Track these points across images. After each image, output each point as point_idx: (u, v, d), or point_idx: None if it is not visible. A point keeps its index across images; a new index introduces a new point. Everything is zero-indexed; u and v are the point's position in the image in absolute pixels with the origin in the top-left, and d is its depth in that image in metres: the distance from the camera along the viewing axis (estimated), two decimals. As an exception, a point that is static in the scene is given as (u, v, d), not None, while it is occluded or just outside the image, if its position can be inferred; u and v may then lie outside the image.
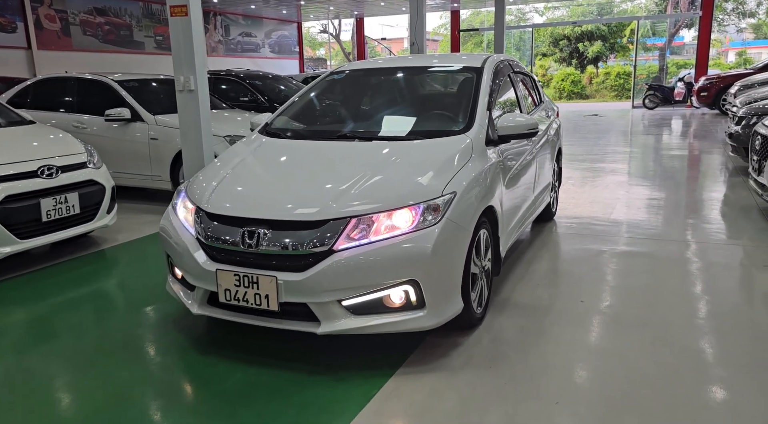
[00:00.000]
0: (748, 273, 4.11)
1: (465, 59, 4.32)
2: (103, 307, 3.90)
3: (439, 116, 3.83)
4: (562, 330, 3.25)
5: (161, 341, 3.30)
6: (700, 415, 2.43)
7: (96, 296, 4.15)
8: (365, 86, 4.32)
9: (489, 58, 4.20)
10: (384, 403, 2.59)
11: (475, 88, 3.81)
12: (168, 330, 3.44)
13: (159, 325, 3.52)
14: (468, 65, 4.11)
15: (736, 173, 7.78)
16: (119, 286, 4.34)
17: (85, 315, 3.73)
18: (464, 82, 4.00)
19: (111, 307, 3.91)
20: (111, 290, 4.27)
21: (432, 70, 4.35)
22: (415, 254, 2.75)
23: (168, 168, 6.38)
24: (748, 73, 15.37)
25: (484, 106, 3.64)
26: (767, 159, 4.93)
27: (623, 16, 31.58)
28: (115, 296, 4.17)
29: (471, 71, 4.02)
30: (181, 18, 5.55)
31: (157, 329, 3.46)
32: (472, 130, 3.45)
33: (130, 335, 3.39)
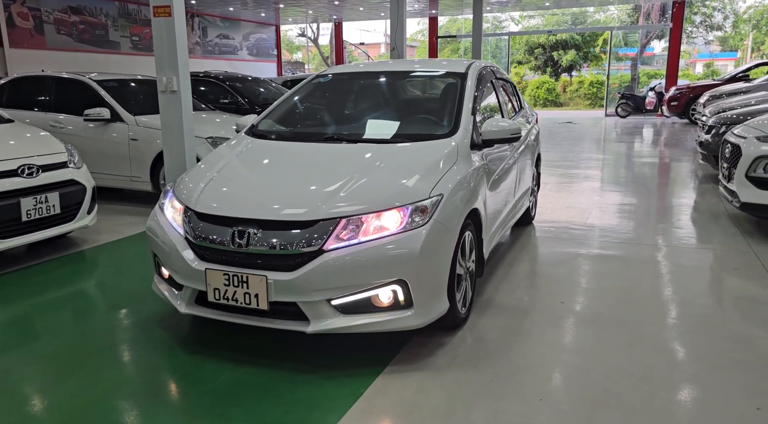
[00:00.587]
0: (718, 276, 4.26)
1: (449, 65, 4.41)
2: (86, 307, 3.88)
3: (424, 120, 3.91)
4: (543, 330, 3.34)
5: (147, 341, 3.30)
6: (676, 411, 2.53)
7: (78, 296, 4.12)
8: (350, 90, 4.38)
9: (472, 64, 4.29)
10: (372, 400, 2.64)
11: (459, 93, 3.89)
12: (153, 330, 3.43)
13: (144, 325, 3.51)
14: (452, 71, 4.20)
15: (705, 180, 8.02)
16: (102, 286, 4.31)
17: (68, 316, 3.70)
18: (449, 87, 4.08)
19: (94, 307, 3.89)
20: (93, 291, 4.24)
21: (417, 74, 4.43)
22: (404, 255, 2.80)
23: (148, 169, 6.34)
24: (716, 84, 15.81)
25: (468, 111, 3.73)
26: (737, 167, 5.11)
27: (597, 26, 32.22)
28: (98, 296, 4.14)
29: (455, 77, 4.10)
30: (164, 19, 5.54)
31: (143, 329, 3.45)
32: (457, 134, 3.53)
33: (115, 335, 3.39)
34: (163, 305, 3.76)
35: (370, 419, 2.52)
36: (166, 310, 3.69)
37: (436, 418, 2.50)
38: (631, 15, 31.34)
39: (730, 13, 37.90)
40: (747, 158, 4.95)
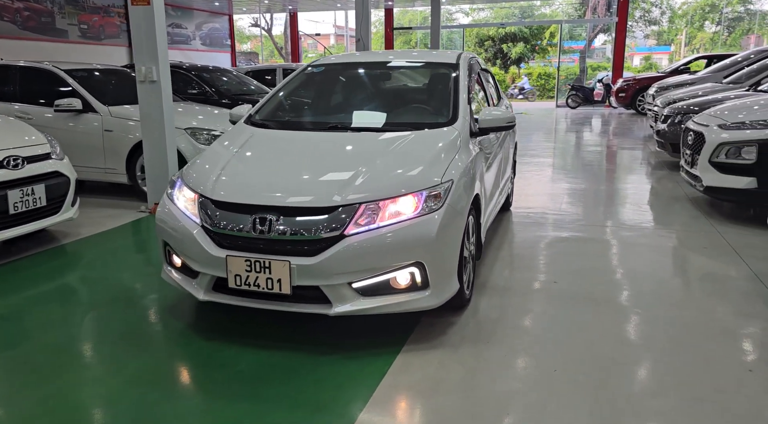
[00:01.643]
0: (689, 255, 4.57)
1: (438, 55, 4.55)
2: (86, 300, 3.83)
3: (423, 109, 4.04)
4: (543, 308, 3.53)
5: (161, 331, 3.32)
6: (679, 373, 2.76)
7: (74, 290, 4.06)
8: (346, 80, 4.46)
9: (461, 55, 4.45)
10: (398, 377, 2.76)
11: (454, 82, 4.04)
12: (164, 319, 3.45)
13: (153, 315, 3.53)
14: (444, 61, 4.34)
15: (660, 167, 8.47)
16: (97, 279, 4.23)
17: (70, 309, 3.66)
18: (442, 76, 4.22)
19: (96, 300, 3.82)
20: (90, 284, 4.16)
21: (410, 65, 4.55)
22: (421, 238, 2.93)
23: (124, 161, 6.23)
24: (660, 76, 16.54)
25: (465, 100, 3.88)
26: (700, 153, 5.46)
27: (548, 20, 33.02)
28: (96, 289, 4.05)
29: (448, 67, 4.24)
30: (142, 7, 5.46)
31: (152, 319, 3.47)
32: (458, 123, 3.68)
33: (125, 326, 3.38)
34: (166, 295, 3.77)
35: (400, 394, 2.64)
36: (171, 299, 3.71)
37: (462, 391, 2.65)
38: (578, 9, 32.29)
39: (667, 8, 39.60)
40: (710, 145, 5.30)
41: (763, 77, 8.96)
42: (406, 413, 2.53)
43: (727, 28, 40.59)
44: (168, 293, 3.80)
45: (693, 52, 41.72)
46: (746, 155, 5.06)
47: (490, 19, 35.50)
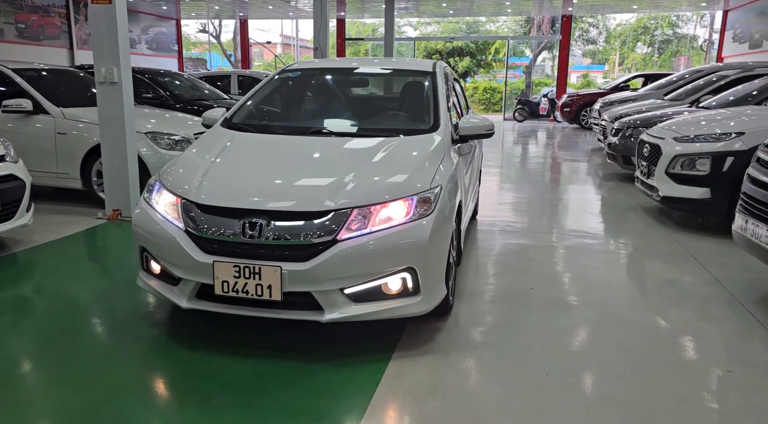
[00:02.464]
0: (652, 261, 4.73)
1: (414, 63, 4.58)
2: (49, 311, 3.61)
3: (403, 115, 4.05)
4: (525, 314, 3.58)
5: (136, 341, 3.17)
6: (663, 371, 2.86)
7: (35, 299, 3.83)
8: (324, 85, 4.42)
9: (436, 64, 4.49)
10: (393, 383, 2.74)
11: (433, 90, 4.07)
12: (139, 328, 3.30)
13: (126, 324, 3.36)
14: (421, 69, 4.37)
15: (609, 178, 8.79)
16: (59, 289, 3.99)
17: (37, 320, 3.44)
18: (421, 84, 4.25)
19: (59, 310, 3.61)
20: (52, 293, 3.91)
21: (388, 71, 4.55)
22: (414, 243, 2.92)
23: (78, 165, 5.95)
24: (602, 93, 17.27)
25: (445, 108, 3.92)
26: (656, 164, 5.71)
27: (497, 36, 33.81)
28: (58, 299, 3.82)
29: (425, 74, 4.28)
30: (103, 6, 5.26)
31: (125, 329, 3.31)
32: (440, 130, 3.70)
33: (95, 337, 3.22)
34: (137, 304, 3.62)
35: (397, 400, 2.61)
36: (144, 308, 3.56)
37: (458, 396, 2.65)
38: (523, 26, 33.30)
39: (603, 29, 41.44)
40: (667, 157, 5.55)
41: (702, 95, 9.47)
42: (405, 420, 2.51)
43: (658, 50, 42.82)
44: (139, 302, 3.65)
45: (625, 71, 43.78)
46: (700, 167, 5.32)
47: (437, 34, 36.12)
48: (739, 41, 20.83)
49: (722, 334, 3.33)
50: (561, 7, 20.08)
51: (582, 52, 43.45)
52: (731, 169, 5.13)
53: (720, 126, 5.46)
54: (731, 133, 5.25)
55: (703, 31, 41.64)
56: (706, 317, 3.56)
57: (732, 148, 5.15)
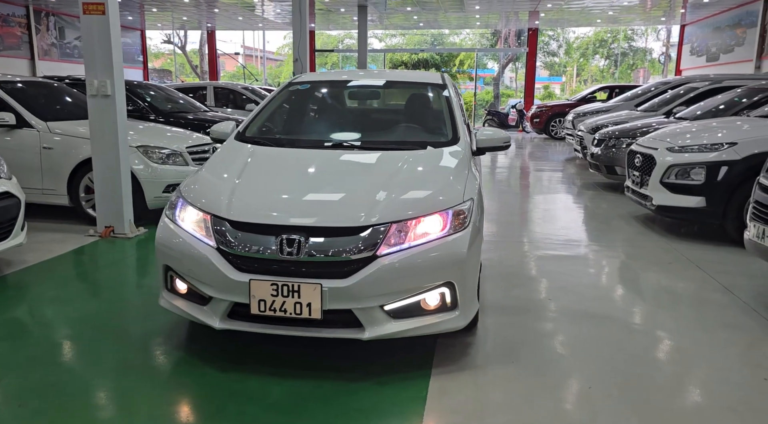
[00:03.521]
0: (656, 270, 4.81)
1: (421, 76, 4.57)
2: (63, 335, 3.42)
3: (421, 128, 4.01)
4: (548, 325, 3.58)
5: (165, 363, 3.05)
6: (702, 381, 2.88)
7: (46, 323, 3.62)
8: (337, 98, 4.36)
9: (443, 76, 4.50)
10: (440, 401, 2.69)
11: (447, 102, 4.07)
12: (163, 350, 3.17)
13: (147, 346, 3.22)
14: (431, 81, 4.36)
15: (589, 187, 8.93)
16: (68, 311, 3.77)
17: (51, 344, 3.26)
18: (434, 96, 4.23)
19: (74, 334, 3.43)
20: (61, 316, 3.68)
21: (400, 84, 4.52)
22: (452, 257, 2.88)
23: (65, 181, 5.72)
24: (570, 104, 17.68)
25: (462, 120, 3.91)
26: (649, 174, 5.84)
27: (464, 48, 34.27)
28: (70, 322, 3.60)
29: (437, 87, 4.27)
30: (96, 17, 5.09)
31: (150, 351, 3.17)
32: (461, 142, 3.69)
33: (122, 360, 3.07)
34: (155, 324, 3.48)
35: (449, 418, 2.56)
36: (162, 328, 3.42)
37: (509, 412, 2.61)
38: (489, 39, 33.88)
39: (563, 42, 42.51)
40: (661, 166, 5.67)
41: (675, 106, 9.75)
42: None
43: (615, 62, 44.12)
44: (156, 322, 3.51)
45: (582, 82, 44.98)
46: (695, 176, 5.46)
47: (402, 45, 36.44)
48: (697, 54, 21.64)
49: (750, 341, 3.39)
50: (527, 21, 20.50)
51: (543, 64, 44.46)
52: (726, 178, 5.28)
53: (712, 136, 5.61)
54: (724, 143, 5.41)
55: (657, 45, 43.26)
56: (727, 324, 3.62)
57: (726, 158, 5.30)
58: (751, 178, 5.15)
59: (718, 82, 10.20)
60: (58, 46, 18.19)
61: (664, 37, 31.63)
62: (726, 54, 19.19)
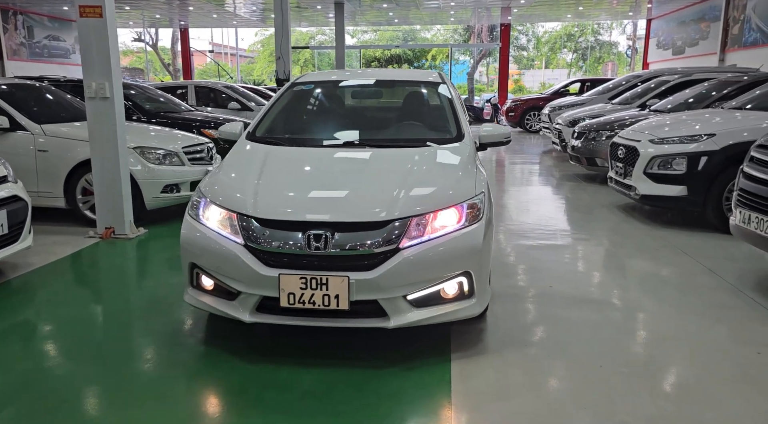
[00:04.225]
0: (644, 255, 5.06)
1: (420, 74, 4.72)
2: (88, 336, 3.48)
3: (428, 125, 4.16)
4: (554, 311, 3.77)
5: (193, 358, 3.15)
6: (704, 358, 3.11)
7: (73, 325, 3.66)
8: (341, 97, 4.48)
9: (441, 74, 4.66)
10: (465, 385, 2.85)
11: (449, 100, 4.23)
12: (189, 345, 3.28)
13: (173, 342, 3.32)
14: (430, 80, 4.52)
15: (569, 179, 9.20)
16: (88, 312, 3.82)
17: (83, 345, 3.32)
18: (434, 93, 4.39)
19: (101, 334, 3.49)
20: (84, 318, 3.70)
21: (402, 82, 4.65)
22: (470, 247, 3.05)
23: (62, 184, 5.72)
24: (544, 98, 18.05)
25: (464, 116, 4.08)
26: (632, 165, 6.10)
27: (439, 44, 34.45)
28: (94, 323, 3.66)
29: (435, 85, 4.43)
30: (93, 20, 5.11)
31: (177, 346, 3.27)
32: (466, 138, 3.86)
33: (151, 357, 3.17)
34: (174, 321, 3.60)
35: (475, 400, 2.72)
36: (181, 324, 3.53)
37: (530, 392, 2.79)
38: (462, 34, 34.18)
39: (533, 36, 43.13)
40: (644, 158, 5.94)
41: (648, 99, 10.08)
42: (494, 418, 2.60)
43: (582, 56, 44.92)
44: (174, 319, 3.62)
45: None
46: (676, 166, 5.73)
47: (374, 41, 36.52)
48: (663, 48, 22.26)
49: (739, 319, 3.64)
50: (500, 17, 20.81)
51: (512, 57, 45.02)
52: (705, 168, 5.56)
53: (691, 128, 5.90)
54: (703, 134, 5.69)
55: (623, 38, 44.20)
56: (717, 305, 3.87)
57: (706, 149, 5.58)
58: (729, 168, 5.47)
59: (688, 75, 10.57)
60: (27, 46, 17.83)
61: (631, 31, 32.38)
62: (691, 47, 19.80)
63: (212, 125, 8.51)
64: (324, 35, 36.32)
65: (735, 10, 16.77)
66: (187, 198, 6.15)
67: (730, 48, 16.98)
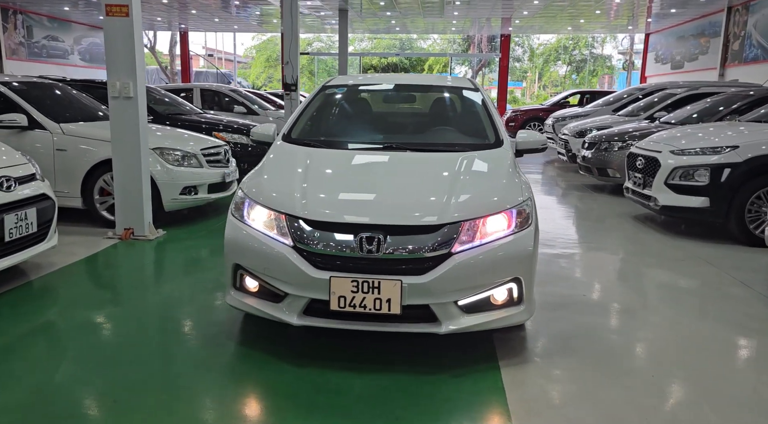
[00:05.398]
0: (670, 266, 5.05)
1: (454, 80, 4.71)
2: (127, 337, 3.40)
3: (466, 131, 4.13)
4: (592, 319, 3.74)
5: (241, 362, 3.09)
6: (745, 365, 3.09)
7: (111, 326, 3.57)
8: (376, 101, 4.46)
9: (474, 81, 4.64)
10: (519, 391, 2.81)
11: (484, 105, 4.22)
12: (233, 349, 3.22)
13: (217, 345, 3.25)
14: (464, 85, 4.51)
15: (578, 188, 9.20)
16: (124, 313, 3.72)
17: (123, 347, 3.26)
18: (469, 99, 4.37)
19: (140, 337, 3.40)
20: (121, 319, 3.63)
21: (435, 88, 4.62)
22: (520, 253, 3.02)
23: (79, 184, 5.64)
24: (543, 109, 18.22)
25: (502, 122, 4.06)
26: (652, 176, 6.11)
27: (439, 53, 34.58)
28: (131, 324, 3.57)
29: (470, 91, 4.42)
30: (120, 18, 5.06)
31: (221, 350, 3.20)
32: (505, 144, 3.84)
33: (198, 361, 3.10)
34: (213, 323, 3.54)
35: (534, 408, 2.68)
36: (223, 326, 3.49)
37: (587, 400, 2.75)
38: (461, 44, 34.37)
39: (528, 48, 43.47)
40: (666, 168, 5.95)
41: (656, 111, 10.16)
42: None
43: (576, 69, 45.33)
44: (213, 321, 3.57)
45: (542, 88, 46.10)
46: (699, 178, 5.74)
47: (371, 49, 36.64)
48: (662, 62, 22.49)
49: None
50: (500, 27, 20.93)
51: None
52: (728, 179, 5.58)
53: (712, 140, 5.93)
54: (726, 146, 5.72)
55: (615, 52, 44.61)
56: (752, 316, 3.86)
57: (729, 161, 5.60)
58: (751, 180, 5.51)
59: (695, 88, 10.68)
60: (27, 46, 17.68)
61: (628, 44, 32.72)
62: (690, 62, 20.02)
63: (221, 128, 8.48)
64: (321, 42, 36.38)
65: (735, 26, 16.99)
66: (204, 200, 6.10)
67: (730, 63, 17.19)
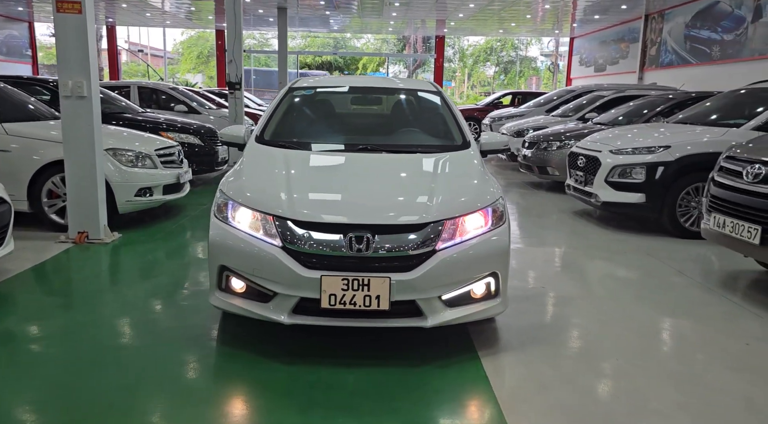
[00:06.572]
0: (616, 257, 5.43)
1: (416, 83, 4.85)
2: (101, 342, 3.34)
3: (433, 133, 4.27)
4: (554, 309, 4.01)
5: (230, 362, 3.11)
6: (700, 350, 3.41)
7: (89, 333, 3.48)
8: (344, 103, 4.53)
9: (435, 84, 4.82)
10: (502, 380, 2.99)
11: (448, 107, 4.38)
12: (220, 350, 3.23)
13: (203, 347, 3.25)
14: (426, 88, 4.66)
15: (518, 186, 9.59)
16: (95, 319, 3.62)
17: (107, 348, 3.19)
18: (433, 102, 4.52)
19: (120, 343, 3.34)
20: (97, 324, 3.53)
21: (400, 90, 4.74)
22: (498, 249, 3.20)
23: (26, 186, 5.40)
24: (477, 109, 18.75)
25: (466, 124, 4.24)
26: (593, 174, 6.51)
27: (376, 52, 34.69)
28: (106, 329, 3.49)
29: (433, 93, 4.58)
30: (72, 15, 4.89)
31: (203, 350, 3.20)
32: (472, 146, 4.02)
33: (187, 363, 3.09)
34: (192, 326, 3.53)
35: (517, 393, 2.86)
36: (202, 329, 3.49)
37: (566, 385, 2.95)
38: (396, 44, 34.71)
39: (458, 49, 44.46)
40: (605, 167, 6.35)
41: (587, 112, 10.75)
42: (543, 408, 2.73)
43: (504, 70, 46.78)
44: (191, 322, 3.55)
45: (470, 87, 47.35)
46: (636, 175, 6.17)
47: (305, 47, 36.40)
48: (586, 65, 23.64)
49: (719, 315, 3.99)
50: (435, 29, 21.37)
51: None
52: (662, 177, 6.03)
53: (647, 140, 6.38)
54: (659, 146, 6.17)
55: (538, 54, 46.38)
56: (696, 302, 4.22)
57: (662, 159, 6.05)
58: (682, 177, 5.99)
59: (621, 91, 11.39)
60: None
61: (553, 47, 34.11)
62: (612, 65, 21.17)
63: (165, 127, 8.31)
64: (254, 39, 35.77)
65: (652, 33, 18.13)
66: (159, 202, 5.98)
67: (648, 67, 18.32)
